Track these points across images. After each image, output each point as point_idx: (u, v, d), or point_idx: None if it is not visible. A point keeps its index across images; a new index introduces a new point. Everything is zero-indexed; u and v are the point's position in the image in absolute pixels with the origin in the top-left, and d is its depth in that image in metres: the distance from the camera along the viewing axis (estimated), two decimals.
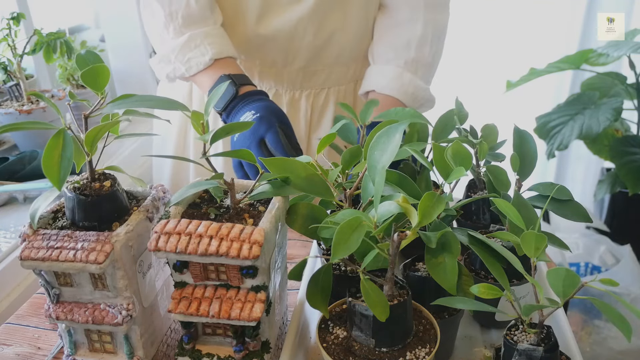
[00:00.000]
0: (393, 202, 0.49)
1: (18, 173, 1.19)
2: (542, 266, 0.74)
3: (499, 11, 2.10)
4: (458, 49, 2.02)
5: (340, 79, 1.09)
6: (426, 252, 0.55)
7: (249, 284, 0.54)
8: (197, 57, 0.92)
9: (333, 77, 1.08)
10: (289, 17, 0.99)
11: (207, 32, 0.93)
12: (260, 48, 1.03)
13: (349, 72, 1.10)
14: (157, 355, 0.64)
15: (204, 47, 0.92)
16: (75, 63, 1.34)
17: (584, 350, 1.54)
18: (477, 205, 0.75)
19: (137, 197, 0.63)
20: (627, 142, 1.85)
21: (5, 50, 1.31)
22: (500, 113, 1.59)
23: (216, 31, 0.95)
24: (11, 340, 0.73)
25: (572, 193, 0.65)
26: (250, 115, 0.84)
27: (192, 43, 0.93)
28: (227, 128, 0.56)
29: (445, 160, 0.56)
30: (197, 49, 0.92)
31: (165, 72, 0.97)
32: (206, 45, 0.92)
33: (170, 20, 0.94)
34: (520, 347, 0.51)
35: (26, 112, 1.25)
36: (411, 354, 0.54)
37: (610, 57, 1.81)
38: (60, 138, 0.50)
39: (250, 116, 0.84)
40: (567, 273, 0.49)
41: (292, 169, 0.57)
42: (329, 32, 1.01)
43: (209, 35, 0.93)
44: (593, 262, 1.78)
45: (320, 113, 1.11)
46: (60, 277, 0.57)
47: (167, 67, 0.96)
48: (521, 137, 0.69)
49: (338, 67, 1.08)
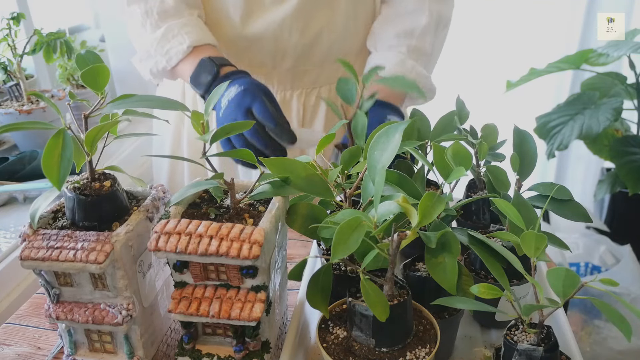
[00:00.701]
0: (393, 202, 0.49)
1: (18, 173, 1.19)
2: (542, 266, 0.74)
3: (499, 11, 2.10)
4: (458, 48, 2.02)
5: (331, 77, 1.09)
6: (426, 252, 0.55)
7: (249, 284, 0.54)
8: (175, 46, 0.92)
9: (324, 76, 1.08)
10: (274, 18, 0.98)
11: (183, 22, 0.94)
12: (248, 49, 1.03)
13: (340, 70, 1.09)
14: (157, 355, 0.64)
15: (182, 36, 0.92)
16: (75, 63, 1.34)
17: (584, 350, 1.54)
18: (477, 205, 0.75)
19: (137, 197, 0.63)
20: (627, 142, 1.85)
21: (5, 50, 1.31)
22: (500, 113, 1.59)
23: (193, 21, 0.95)
24: (11, 340, 0.73)
25: (572, 193, 0.65)
26: (234, 90, 0.83)
27: (170, 34, 0.93)
28: (227, 128, 0.56)
29: (445, 160, 0.56)
30: (175, 38, 0.92)
31: (148, 68, 0.97)
32: (183, 34, 0.92)
33: (147, 17, 0.94)
34: (520, 347, 0.51)
35: (26, 112, 1.25)
36: (411, 354, 0.54)
37: (610, 57, 1.81)
38: (60, 138, 0.50)
39: (234, 91, 0.83)
40: (567, 273, 0.49)
41: (292, 169, 0.57)
42: (316, 31, 1.01)
43: (186, 25, 0.93)
44: (593, 262, 1.78)
45: (312, 112, 1.11)
46: (60, 277, 0.57)
47: (148, 62, 0.96)
48: (521, 137, 0.69)
49: (328, 66, 1.07)
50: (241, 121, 0.80)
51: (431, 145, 0.67)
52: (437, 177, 0.58)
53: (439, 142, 0.66)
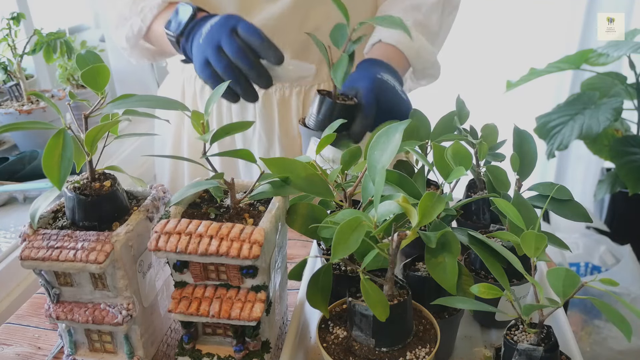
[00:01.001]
0: (393, 202, 0.49)
1: (18, 173, 1.19)
2: (542, 266, 0.74)
3: (499, 11, 2.10)
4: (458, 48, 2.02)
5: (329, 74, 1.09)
6: (426, 252, 0.55)
7: (249, 283, 0.54)
8: (149, 3, 0.90)
9: (322, 73, 1.08)
10: (271, 14, 0.98)
11: None
12: None
13: None
14: (157, 355, 0.64)
15: None
16: (75, 63, 1.35)
17: (584, 350, 1.54)
18: (477, 205, 0.75)
19: (137, 197, 0.63)
20: (627, 142, 1.85)
21: (5, 50, 1.31)
22: (500, 113, 1.59)
23: None
24: (11, 340, 0.73)
25: (572, 193, 0.65)
26: (218, 18, 0.78)
27: None
28: (227, 128, 0.56)
29: (445, 160, 0.56)
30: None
31: (124, 34, 0.94)
32: None
33: None
34: (520, 347, 0.51)
35: (26, 112, 1.25)
36: (411, 354, 0.54)
37: (610, 57, 1.81)
38: (60, 138, 0.50)
39: (217, 18, 0.78)
40: (567, 273, 0.49)
41: (292, 169, 0.58)
42: (313, 27, 1.00)
43: None
44: (593, 262, 1.78)
45: None
46: (60, 277, 0.57)
47: (124, 27, 0.94)
48: (521, 137, 0.69)
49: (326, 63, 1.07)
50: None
51: (431, 145, 0.67)
52: (437, 177, 0.58)
53: (439, 142, 0.66)
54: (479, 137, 0.73)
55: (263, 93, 1.07)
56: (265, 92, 1.07)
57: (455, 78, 1.89)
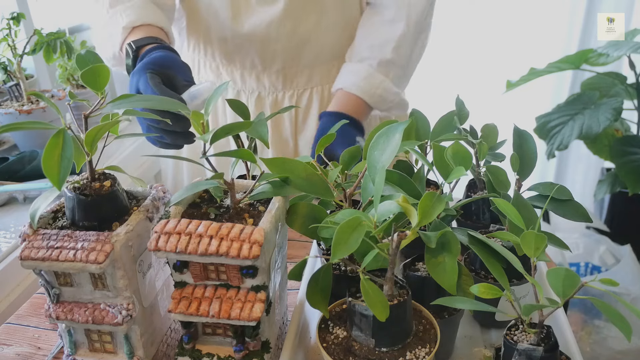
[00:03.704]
0: (393, 201, 0.49)
1: (18, 173, 1.19)
2: (542, 266, 0.74)
3: (499, 11, 2.10)
4: (458, 48, 2.02)
5: (322, 78, 1.09)
6: (426, 252, 0.55)
7: (249, 283, 0.54)
8: (115, 30, 0.91)
9: (315, 77, 1.08)
10: (261, 20, 0.99)
11: (128, 5, 0.92)
12: (238, 51, 1.03)
13: (332, 71, 1.09)
14: (157, 355, 0.64)
15: (121, 18, 0.90)
16: (75, 63, 1.34)
17: (584, 350, 1.54)
18: (477, 205, 0.75)
19: (137, 197, 0.63)
20: (627, 142, 1.85)
21: (5, 50, 1.31)
22: (500, 113, 1.59)
23: (139, 3, 0.92)
24: (11, 340, 0.73)
25: (572, 193, 0.65)
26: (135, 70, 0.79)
27: (113, 18, 0.92)
28: (227, 128, 0.56)
29: (445, 160, 0.56)
30: (116, 21, 0.91)
31: (105, 57, 0.95)
32: (123, 16, 0.90)
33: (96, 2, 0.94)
34: (520, 347, 0.51)
35: (26, 112, 1.25)
36: (411, 354, 0.54)
37: (610, 57, 1.81)
38: (60, 138, 0.50)
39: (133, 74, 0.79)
40: (567, 273, 0.49)
41: (292, 169, 0.58)
42: (304, 33, 1.01)
43: (129, 8, 0.92)
44: (593, 262, 1.78)
45: (305, 113, 1.11)
46: (60, 277, 0.57)
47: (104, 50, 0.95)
48: (521, 137, 0.69)
49: (319, 67, 1.08)
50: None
51: (431, 145, 0.67)
52: (437, 177, 0.58)
53: (439, 142, 0.66)
54: (479, 137, 0.73)
55: (256, 96, 1.08)
56: (257, 96, 1.09)
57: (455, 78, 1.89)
